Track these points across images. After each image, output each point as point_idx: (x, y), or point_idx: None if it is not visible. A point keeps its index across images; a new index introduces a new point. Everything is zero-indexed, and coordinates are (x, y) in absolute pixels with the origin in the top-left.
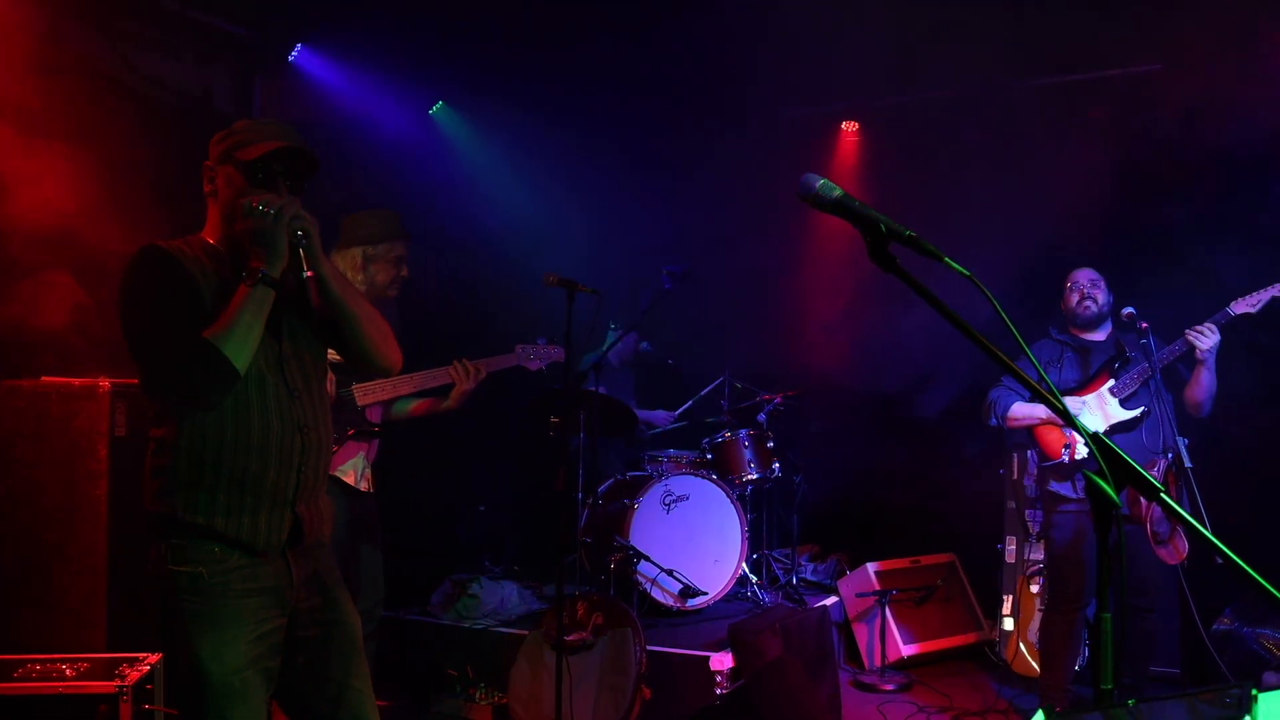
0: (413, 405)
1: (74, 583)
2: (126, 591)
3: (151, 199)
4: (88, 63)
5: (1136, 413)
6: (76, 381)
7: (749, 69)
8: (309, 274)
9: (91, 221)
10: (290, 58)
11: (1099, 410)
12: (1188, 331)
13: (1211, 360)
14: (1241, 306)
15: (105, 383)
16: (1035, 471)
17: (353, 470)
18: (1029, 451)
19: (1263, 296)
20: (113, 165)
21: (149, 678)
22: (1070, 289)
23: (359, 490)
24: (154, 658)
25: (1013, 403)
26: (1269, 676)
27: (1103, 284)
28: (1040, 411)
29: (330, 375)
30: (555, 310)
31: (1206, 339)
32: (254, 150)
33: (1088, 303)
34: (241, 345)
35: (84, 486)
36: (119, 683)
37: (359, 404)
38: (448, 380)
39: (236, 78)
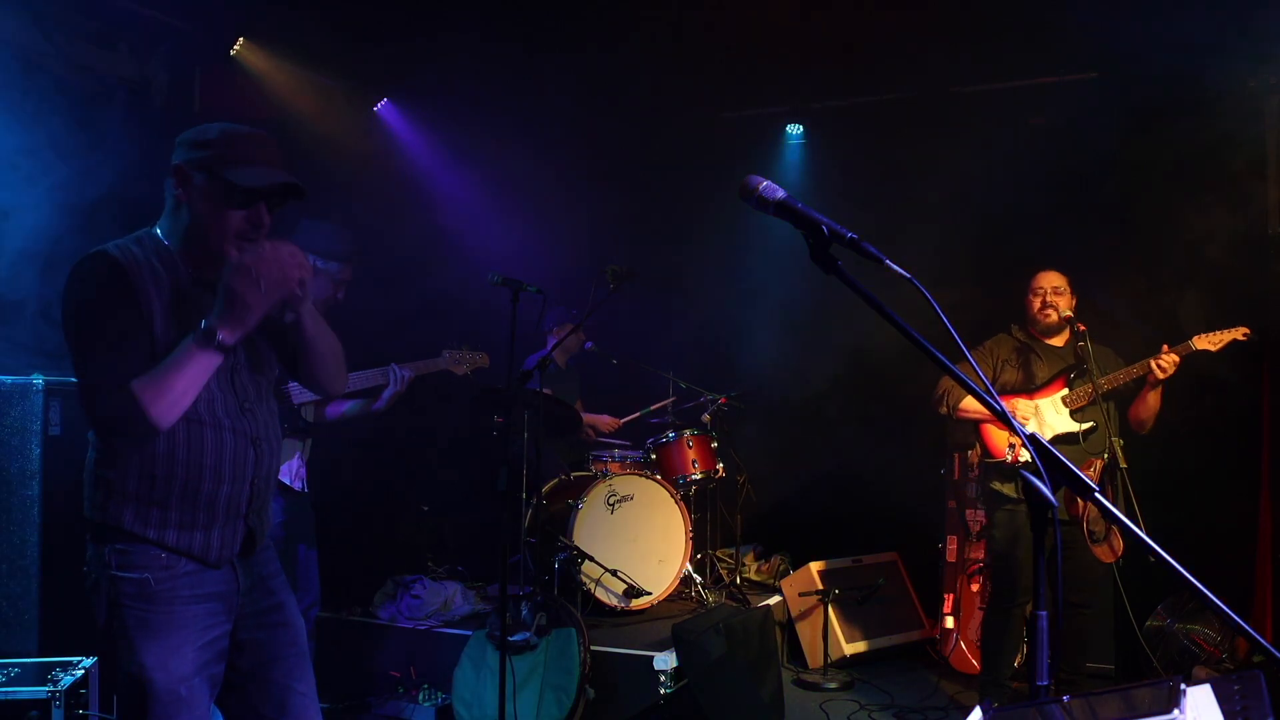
0: (344, 408)
1: (5, 585)
2: (60, 594)
3: (83, 190)
4: (18, 49)
5: (1085, 426)
6: (8, 378)
7: (693, 69)
8: (292, 317)
9: (19, 213)
10: (231, 52)
11: (1050, 416)
12: (1152, 361)
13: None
14: (1203, 343)
15: (39, 380)
16: (978, 470)
17: (287, 469)
18: (970, 452)
19: (1224, 337)
20: (43, 155)
21: (83, 682)
22: (1033, 292)
23: (294, 489)
24: (88, 662)
25: (966, 395)
26: (1199, 671)
27: (1067, 291)
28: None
29: None
30: (497, 310)
31: (1166, 372)
32: (247, 175)
33: (1049, 310)
34: (172, 407)
35: (16, 486)
36: (51, 687)
37: (294, 403)
38: (380, 381)
39: (175, 70)
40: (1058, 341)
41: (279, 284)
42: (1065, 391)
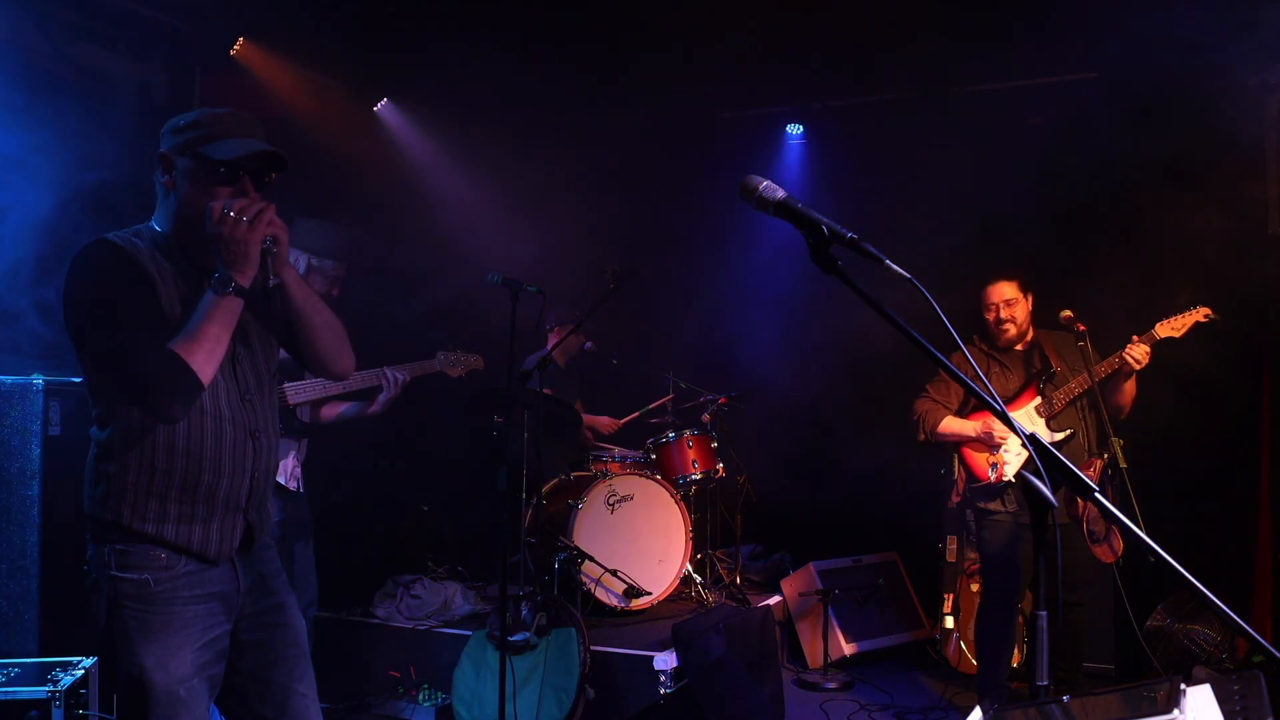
0: (340, 409)
1: (5, 585)
2: (60, 594)
3: (83, 190)
4: (18, 49)
5: (1063, 435)
6: (8, 378)
7: (693, 69)
8: (275, 281)
9: (18, 213)
10: (231, 52)
11: (1027, 429)
12: (1125, 354)
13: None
14: (1165, 330)
15: (39, 380)
16: (963, 495)
17: (282, 469)
18: (955, 466)
19: (1186, 321)
20: (43, 155)
21: (83, 682)
22: (986, 309)
23: (289, 489)
24: (88, 662)
25: (942, 418)
26: (1199, 671)
27: (1020, 298)
28: (969, 429)
29: None
30: (496, 310)
31: (1141, 363)
32: (224, 148)
33: (1006, 325)
34: (209, 358)
35: (16, 486)
36: (51, 687)
37: (289, 403)
38: (375, 383)
39: (175, 71)
40: (1020, 346)
41: (259, 218)
42: (1038, 400)
